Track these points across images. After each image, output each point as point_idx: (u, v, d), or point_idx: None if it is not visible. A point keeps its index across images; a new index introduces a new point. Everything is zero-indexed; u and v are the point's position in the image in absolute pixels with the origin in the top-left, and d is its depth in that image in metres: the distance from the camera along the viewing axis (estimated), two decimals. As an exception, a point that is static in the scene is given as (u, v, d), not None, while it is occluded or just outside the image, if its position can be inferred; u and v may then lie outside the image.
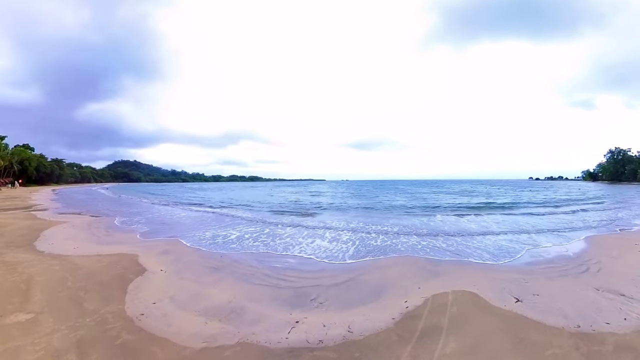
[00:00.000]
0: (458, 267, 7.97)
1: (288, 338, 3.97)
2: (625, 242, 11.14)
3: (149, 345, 3.75)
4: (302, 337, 3.98)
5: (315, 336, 4.00)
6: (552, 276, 7.08)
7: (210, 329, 4.16)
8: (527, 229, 13.61)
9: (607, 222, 16.40)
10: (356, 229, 13.19)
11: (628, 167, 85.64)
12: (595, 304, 5.50)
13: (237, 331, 4.12)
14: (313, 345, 3.77)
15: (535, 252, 9.52)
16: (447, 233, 12.40)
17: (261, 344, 3.83)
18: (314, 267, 7.39)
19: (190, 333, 4.05)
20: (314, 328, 4.20)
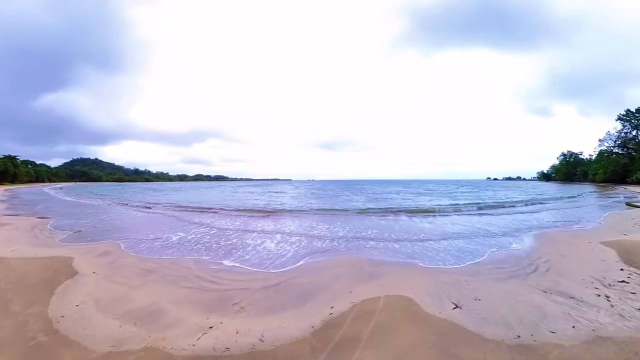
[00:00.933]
0: (400, 269, 7.42)
1: (195, 345, 3.91)
2: (576, 239, 11.18)
3: (60, 348, 3.85)
4: (210, 344, 3.91)
5: (224, 343, 3.92)
6: (499, 278, 6.61)
7: (122, 333, 4.21)
8: (481, 228, 13.50)
9: (559, 219, 16.74)
10: (307, 230, 12.83)
11: (579, 169, 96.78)
12: (541, 308, 4.99)
13: (147, 336, 4.13)
14: (218, 353, 3.72)
15: (485, 251, 9.19)
16: (399, 234, 11.93)
17: (166, 350, 3.81)
18: (249, 270, 7.25)
19: (102, 336, 4.11)
20: (225, 335, 4.13)
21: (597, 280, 6.62)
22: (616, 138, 77.82)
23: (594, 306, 5.26)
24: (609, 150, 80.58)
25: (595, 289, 6.07)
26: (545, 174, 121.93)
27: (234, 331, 4.21)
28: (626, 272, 7.30)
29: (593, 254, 9.02)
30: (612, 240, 11.04)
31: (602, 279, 6.66)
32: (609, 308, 5.23)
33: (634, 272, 7.33)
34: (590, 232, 12.85)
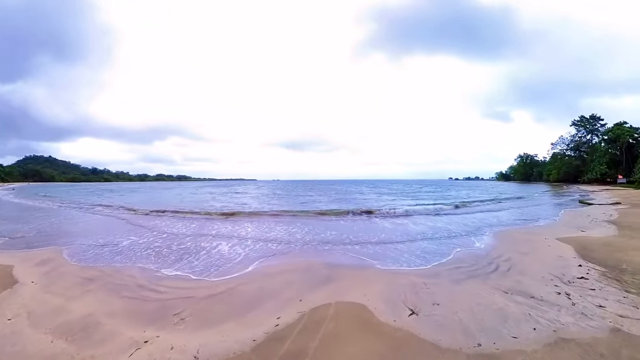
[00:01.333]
0: (357, 272, 7.01)
1: (125, 363, 3.55)
2: (535, 236, 11.32)
3: (-18, 368, 3.50)
4: (140, 363, 3.55)
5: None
6: (459, 279, 6.34)
7: (52, 349, 3.93)
8: (443, 227, 13.47)
9: (518, 217, 17.17)
10: (263, 232, 12.38)
11: (535, 170, 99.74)
12: (503, 311, 4.70)
13: (76, 353, 3.84)
14: (148, 373, 3.41)
15: (445, 251, 8.97)
16: (359, 235, 11.60)
17: (93, 369, 3.50)
18: (196, 276, 6.89)
19: (29, 353, 3.85)
20: (159, 351, 3.83)
21: (556, 277, 6.51)
22: (569, 142, 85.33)
23: (555, 305, 5.07)
24: (561, 152, 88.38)
25: (556, 287, 5.93)
26: (504, 174, 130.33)
27: (168, 347, 3.91)
28: (585, 268, 7.31)
29: (551, 251, 9.08)
30: (569, 236, 11.28)
31: (562, 276, 6.58)
32: (570, 307, 5.05)
33: (592, 267, 7.35)
34: (548, 229, 13.16)
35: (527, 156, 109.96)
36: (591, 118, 79.80)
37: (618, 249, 9.34)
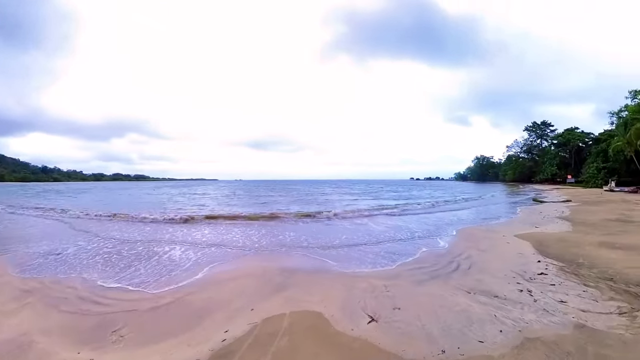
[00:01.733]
0: (314, 277, 6.63)
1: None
2: (494, 234, 11.50)
3: None
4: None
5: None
6: (420, 279, 6.13)
7: None
8: (404, 227, 13.51)
9: (477, 215, 17.61)
10: (218, 236, 11.78)
11: (491, 170, 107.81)
12: (467, 313, 4.48)
13: None
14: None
15: (406, 251, 8.81)
16: (319, 237, 11.26)
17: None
18: (142, 287, 6.35)
19: None
20: None
21: (518, 274, 6.48)
22: (523, 145, 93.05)
23: (518, 303, 4.95)
24: (516, 155, 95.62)
25: (518, 284, 5.86)
26: (462, 174, 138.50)
27: (104, 369, 3.52)
28: (543, 263, 7.38)
29: (510, 248, 9.19)
30: (526, 233, 11.57)
31: (523, 273, 6.55)
32: (532, 304, 4.95)
33: (550, 263, 7.43)
34: (506, 227, 13.50)
35: (484, 158, 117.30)
36: (542, 124, 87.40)
37: (574, 244, 9.63)
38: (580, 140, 73.30)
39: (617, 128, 46.66)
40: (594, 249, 9.01)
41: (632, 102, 47.53)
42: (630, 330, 4.19)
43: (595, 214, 17.92)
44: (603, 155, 54.26)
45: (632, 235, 11.00)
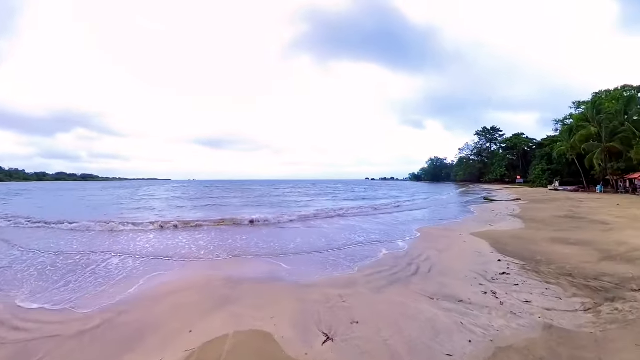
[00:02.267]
0: (263, 287, 6.00)
1: None
2: (451, 233, 11.51)
3: None
4: None
5: None
6: (379, 286, 5.72)
7: None
8: (360, 228, 13.21)
9: (433, 215, 17.84)
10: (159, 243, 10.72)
11: (443, 171, 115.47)
12: (432, 322, 4.09)
13: None
14: None
15: (363, 254, 8.56)
16: (271, 242, 10.55)
17: None
18: (67, 306, 5.51)
19: None
20: None
21: (480, 275, 6.28)
22: (473, 148, 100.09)
23: (484, 307, 4.67)
24: (466, 157, 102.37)
25: (481, 286, 5.63)
26: (416, 175, 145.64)
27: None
28: (504, 262, 7.30)
29: (468, 247, 9.12)
30: (481, 231, 11.69)
31: (485, 273, 6.37)
32: (499, 307, 4.69)
33: (510, 261, 7.36)
34: (461, 225, 13.66)
35: (437, 159, 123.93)
36: (491, 129, 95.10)
37: (529, 241, 9.78)
38: (525, 144, 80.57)
39: (562, 134, 51.27)
40: (549, 245, 9.18)
41: (576, 112, 53.60)
42: (598, 327, 4.09)
43: (544, 211, 18.82)
44: (547, 158, 59.52)
45: (582, 232, 11.46)
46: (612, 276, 6.30)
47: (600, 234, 11.05)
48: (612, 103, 42.28)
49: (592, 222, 14.00)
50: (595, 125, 40.83)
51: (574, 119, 50.70)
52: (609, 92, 47.81)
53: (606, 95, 47.07)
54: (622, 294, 5.32)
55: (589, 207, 20.85)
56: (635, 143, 34.55)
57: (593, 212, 17.66)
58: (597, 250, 8.41)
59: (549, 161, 58.93)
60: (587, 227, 12.43)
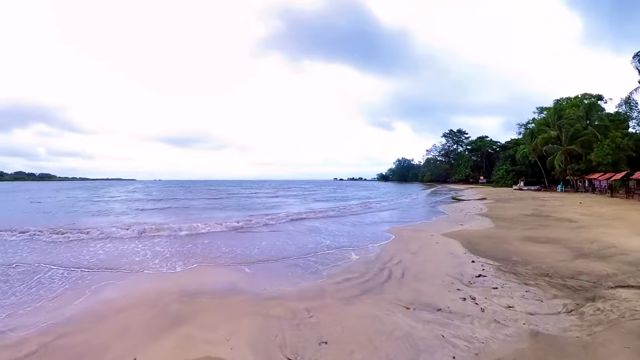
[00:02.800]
0: (222, 302, 5.38)
1: None
2: (422, 233, 11.33)
3: None
4: None
5: None
6: (350, 296, 5.25)
7: None
8: (328, 230, 12.76)
9: (403, 215, 17.72)
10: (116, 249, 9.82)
11: (411, 172, 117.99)
12: (410, 337, 3.70)
13: None
14: None
15: (331, 259, 8.13)
16: (234, 247, 9.85)
17: None
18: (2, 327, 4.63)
19: None
20: None
21: (456, 279, 5.99)
22: (440, 149, 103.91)
23: (465, 316, 4.32)
24: (434, 158, 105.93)
25: (458, 291, 5.30)
26: (384, 175, 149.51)
27: None
28: (478, 263, 7.08)
29: (441, 248, 8.90)
30: (452, 231, 11.57)
31: (461, 277, 6.09)
32: (480, 314, 4.36)
33: (485, 262, 7.15)
34: (432, 225, 13.55)
35: (405, 160, 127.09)
36: (458, 132, 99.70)
37: (501, 240, 9.70)
38: (489, 147, 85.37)
39: (524, 137, 55.02)
40: (521, 244, 9.12)
41: (539, 117, 56.86)
42: (584, 330, 3.91)
43: (511, 210, 19.20)
44: (511, 160, 63.01)
45: (551, 230, 11.58)
46: (588, 274, 6.23)
47: (569, 231, 11.20)
48: (573, 109, 45.29)
49: (559, 220, 14.30)
50: (556, 129, 43.78)
51: (535, 123, 53.88)
52: (569, 99, 51.02)
53: (567, 102, 50.19)
54: (601, 293, 5.24)
55: (553, 205, 21.55)
56: (596, 146, 36.92)
57: (558, 210, 18.18)
58: (569, 249, 8.43)
59: (513, 162, 62.11)
60: (555, 225, 12.63)
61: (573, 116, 43.17)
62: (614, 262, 7.16)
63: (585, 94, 49.95)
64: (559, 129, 43.30)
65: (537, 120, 54.98)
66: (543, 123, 49.43)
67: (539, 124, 50.87)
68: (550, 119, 46.28)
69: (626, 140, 36.09)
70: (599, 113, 43.36)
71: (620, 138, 35.83)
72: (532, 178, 53.52)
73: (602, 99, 47.33)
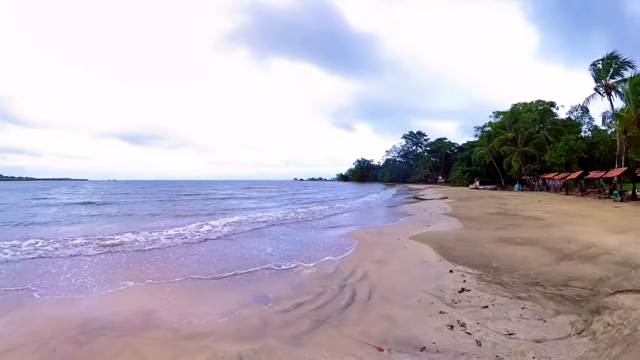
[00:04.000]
0: (128, 341, 3.97)
1: None
2: (388, 237, 10.33)
3: None
4: None
5: None
6: (300, 331, 3.98)
7: None
8: (278, 236, 11.40)
9: (365, 216, 16.71)
10: (18, 267, 7.49)
11: (370, 172, 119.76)
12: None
13: None
14: None
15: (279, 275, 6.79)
16: (165, 264, 8.08)
17: None
18: None
19: None
20: None
21: (435, 296, 4.88)
22: (400, 150, 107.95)
23: (459, 354, 3.21)
24: (393, 159, 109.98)
25: (442, 315, 4.19)
26: (344, 175, 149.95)
27: None
28: (457, 273, 6.04)
29: (411, 254, 7.86)
30: (420, 233, 10.62)
31: (441, 293, 4.99)
32: (478, 351, 3.28)
33: (464, 271, 6.12)
34: (398, 227, 12.58)
35: (364, 161, 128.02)
36: (417, 133, 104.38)
37: (474, 243, 8.81)
38: (447, 148, 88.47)
39: (481, 139, 57.73)
40: (497, 246, 8.28)
41: (495, 120, 59.94)
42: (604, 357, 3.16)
43: (475, 208, 18.77)
44: (467, 161, 65.76)
45: (522, 229, 10.96)
46: (580, 280, 5.50)
47: (540, 230, 10.64)
48: (528, 114, 48.33)
49: (526, 218, 13.85)
50: (512, 132, 46.12)
51: (492, 126, 56.61)
52: (525, 104, 53.92)
53: (523, 107, 52.99)
54: (603, 302, 4.52)
55: (515, 204, 21.47)
56: (549, 148, 39.83)
57: (522, 209, 17.94)
58: (548, 250, 7.70)
59: (469, 163, 64.71)
60: (524, 224, 12.08)
61: (528, 120, 46.12)
62: (601, 263, 6.48)
63: (539, 100, 53.09)
64: (515, 132, 45.66)
65: (494, 123, 58.03)
66: (500, 126, 52.25)
67: (496, 127, 53.70)
68: (507, 122, 48.70)
69: (579, 142, 38.68)
70: (553, 118, 47.17)
71: (574, 141, 38.47)
72: (487, 178, 55.71)
73: (555, 106, 50.96)
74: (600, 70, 29.90)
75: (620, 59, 28.80)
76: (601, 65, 29.85)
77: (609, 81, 29.46)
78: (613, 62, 29.15)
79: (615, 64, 29.13)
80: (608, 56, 29.22)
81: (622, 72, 28.94)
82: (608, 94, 29.84)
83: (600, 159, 39.24)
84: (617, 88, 29.10)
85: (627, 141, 26.92)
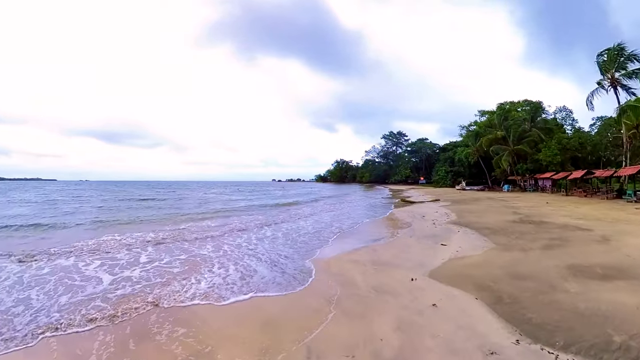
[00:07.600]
0: None
1: None
2: (387, 274, 6.76)
3: None
4: None
5: None
6: None
7: None
8: (246, 251, 7.52)
9: (345, 225, 12.73)
10: None
11: (349, 173, 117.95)
12: None
13: None
14: None
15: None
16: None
17: None
18: None
19: None
20: None
21: None
22: (380, 151, 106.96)
23: None
24: (373, 159, 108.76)
25: None
26: (322, 176, 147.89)
27: None
28: None
29: (451, 328, 4.21)
30: (442, 264, 7.03)
31: None
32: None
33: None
34: (396, 248, 8.70)
35: (343, 161, 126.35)
36: (398, 134, 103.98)
37: (543, 283, 5.17)
38: (429, 148, 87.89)
39: (467, 138, 56.53)
40: (584, 288, 4.81)
41: (480, 120, 59.47)
42: None
43: (484, 215, 15.30)
44: (450, 161, 64.69)
45: (578, 247, 7.67)
46: None
47: (602, 247, 7.65)
48: (517, 112, 47.76)
49: (563, 227, 10.52)
50: (502, 131, 44.73)
51: (478, 125, 55.64)
52: (513, 103, 52.82)
53: (511, 105, 51.85)
54: None
55: (525, 207, 18.40)
56: (542, 146, 38.21)
57: (542, 213, 14.67)
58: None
59: (452, 164, 63.42)
60: (571, 238, 8.73)
61: (519, 118, 45.44)
62: None
63: (526, 100, 52.11)
64: (505, 130, 44.44)
65: (480, 122, 57.18)
66: (487, 125, 51.25)
67: (483, 125, 52.80)
68: (496, 121, 47.47)
69: (572, 140, 37.44)
70: (543, 117, 46.91)
71: (566, 139, 37.52)
72: (470, 179, 54.31)
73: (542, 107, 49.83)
74: (606, 63, 27.49)
75: (627, 52, 26.45)
76: (606, 57, 27.53)
77: (615, 74, 27.06)
78: (620, 54, 26.78)
79: (621, 56, 26.78)
80: (614, 47, 26.86)
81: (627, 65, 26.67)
82: (614, 87, 27.42)
83: (585, 158, 38.38)
84: (623, 81, 26.96)
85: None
